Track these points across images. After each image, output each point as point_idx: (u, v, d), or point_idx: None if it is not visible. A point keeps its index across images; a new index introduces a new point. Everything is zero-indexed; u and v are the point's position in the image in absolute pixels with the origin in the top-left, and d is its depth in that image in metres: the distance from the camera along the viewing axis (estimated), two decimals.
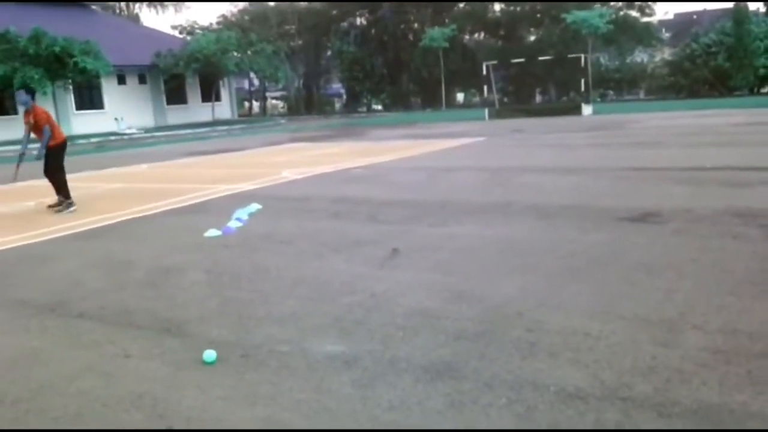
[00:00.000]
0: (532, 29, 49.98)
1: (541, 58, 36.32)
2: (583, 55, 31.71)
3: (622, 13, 44.74)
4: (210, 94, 39.37)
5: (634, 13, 46.45)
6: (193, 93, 39.96)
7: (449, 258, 5.52)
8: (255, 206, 8.26)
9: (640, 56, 49.35)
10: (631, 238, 5.86)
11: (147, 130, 33.44)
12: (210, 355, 3.57)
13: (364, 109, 51.70)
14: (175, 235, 7.18)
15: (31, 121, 9.06)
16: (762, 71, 40.28)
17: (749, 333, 3.48)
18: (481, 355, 3.43)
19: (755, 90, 41.28)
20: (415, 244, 6.04)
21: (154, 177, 13.36)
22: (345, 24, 51.38)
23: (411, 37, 49.44)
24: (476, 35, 52.34)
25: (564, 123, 22.37)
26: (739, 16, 40.33)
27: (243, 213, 7.77)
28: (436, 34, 42.78)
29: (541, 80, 46.02)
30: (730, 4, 42.06)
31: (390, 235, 6.45)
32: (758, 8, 44.15)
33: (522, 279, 4.77)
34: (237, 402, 3.11)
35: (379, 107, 52.06)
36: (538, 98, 48.59)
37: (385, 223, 7.10)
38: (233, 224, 7.26)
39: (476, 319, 3.97)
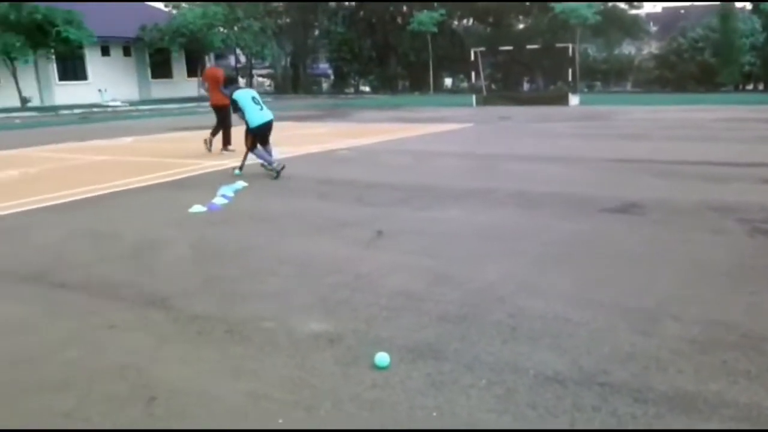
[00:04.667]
0: (520, 17, 49.92)
1: (529, 47, 36.33)
2: (570, 45, 31.78)
3: (610, 4, 44.80)
4: (196, 69, 38.91)
5: (622, 5, 46.53)
6: (179, 68, 39.53)
7: (433, 241, 5.57)
8: (240, 183, 8.24)
9: (627, 48, 49.57)
10: (612, 227, 5.94)
11: (131, 103, 33.02)
12: (383, 358, 3.20)
13: (352, 90, 51.40)
14: (160, 209, 7.16)
15: None
16: (747, 68, 40.64)
17: (725, 324, 3.57)
18: (462, 338, 3.49)
19: (740, 87, 41.66)
20: (399, 227, 6.08)
21: (139, 150, 13.23)
22: (333, 4, 50.93)
23: (399, 20, 49.12)
24: (465, 21, 52.17)
25: (550, 112, 22.47)
26: (726, 13, 40.59)
27: (228, 190, 7.76)
28: (424, 18, 42.61)
29: (529, 69, 46.01)
30: (717, 3, 42.32)
31: (375, 217, 6.48)
32: (744, 6, 44.44)
33: (504, 264, 4.83)
34: (221, 375, 3.14)
35: (367, 89, 51.81)
36: (526, 86, 48.62)
37: (371, 205, 7.13)
38: (218, 201, 7.25)
39: (458, 302, 4.02)
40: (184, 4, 44.79)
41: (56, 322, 3.89)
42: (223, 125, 11.81)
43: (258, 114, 9.10)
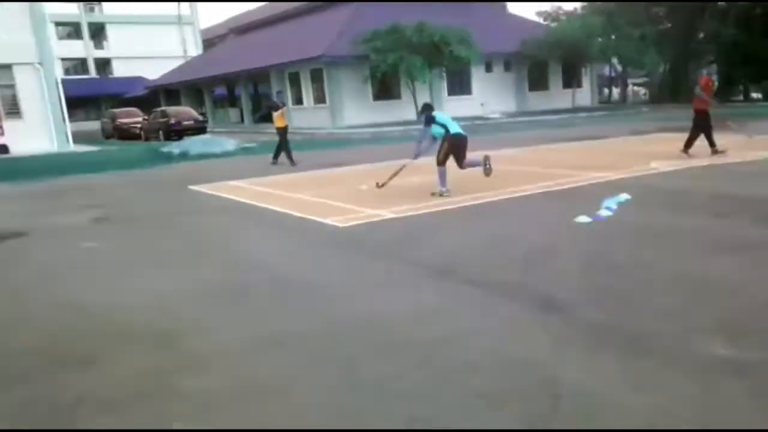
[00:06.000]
0: None
1: None
2: None
3: None
4: (571, 80, 39.22)
5: None
6: (555, 79, 40.22)
7: None
8: (624, 196, 8.13)
9: None
10: None
11: (509, 115, 34.75)
12: None
13: (741, 97, 46.23)
14: (548, 217, 7.49)
15: None
16: None
17: None
18: None
19: None
20: None
21: (523, 161, 13.90)
22: (723, 3, 46.28)
23: None
24: None
25: None
26: None
27: (612, 202, 7.73)
28: None
29: None
30: None
31: None
32: None
33: None
34: (622, 384, 3.22)
35: (758, 95, 46.08)
36: None
37: None
38: (603, 212, 7.28)
39: None
40: (562, 16, 45.56)
41: (465, 313, 4.40)
42: (704, 129, 12.73)
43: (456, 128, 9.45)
